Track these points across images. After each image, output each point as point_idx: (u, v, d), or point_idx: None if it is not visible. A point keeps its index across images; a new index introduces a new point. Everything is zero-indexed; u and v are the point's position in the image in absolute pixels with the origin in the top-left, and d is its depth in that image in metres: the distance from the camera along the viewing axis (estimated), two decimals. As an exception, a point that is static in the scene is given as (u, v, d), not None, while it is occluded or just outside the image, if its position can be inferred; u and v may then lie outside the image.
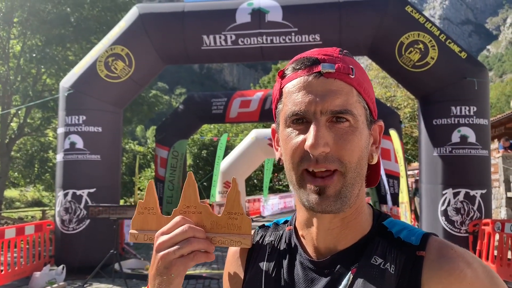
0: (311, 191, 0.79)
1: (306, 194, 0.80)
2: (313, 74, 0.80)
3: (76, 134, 8.70)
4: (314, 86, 0.80)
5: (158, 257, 0.85)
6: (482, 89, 8.00)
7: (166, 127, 14.42)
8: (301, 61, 0.83)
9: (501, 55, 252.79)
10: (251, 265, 0.97)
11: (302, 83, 0.81)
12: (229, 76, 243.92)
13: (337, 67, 0.81)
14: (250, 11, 8.52)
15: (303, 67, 0.82)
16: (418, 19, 8.17)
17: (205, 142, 29.19)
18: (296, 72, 0.83)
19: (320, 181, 0.79)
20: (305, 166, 0.80)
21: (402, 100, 31.58)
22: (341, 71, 0.81)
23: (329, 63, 0.81)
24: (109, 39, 8.98)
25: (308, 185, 0.80)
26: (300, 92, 0.80)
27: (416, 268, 0.79)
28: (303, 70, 0.82)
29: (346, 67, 0.81)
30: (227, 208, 0.92)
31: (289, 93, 0.83)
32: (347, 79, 0.81)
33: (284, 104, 0.84)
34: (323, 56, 0.82)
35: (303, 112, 0.79)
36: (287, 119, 0.82)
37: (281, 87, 0.86)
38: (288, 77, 0.84)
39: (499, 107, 77.26)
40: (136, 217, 0.97)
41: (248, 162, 18.23)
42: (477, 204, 7.76)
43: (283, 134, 0.84)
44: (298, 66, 0.83)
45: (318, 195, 0.79)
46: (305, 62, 0.82)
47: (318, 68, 0.80)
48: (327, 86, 0.79)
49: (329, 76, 0.80)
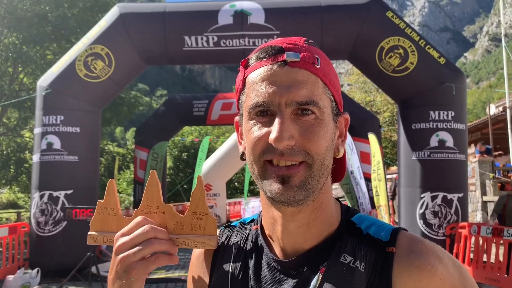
0: (274, 180, 0.76)
1: (269, 184, 0.77)
2: (277, 63, 0.77)
3: (53, 134, 8.52)
4: (278, 76, 0.76)
5: (117, 259, 0.81)
6: (459, 94, 8.14)
7: (146, 129, 14.29)
8: (265, 50, 0.80)
9: (478, 62, 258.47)
10: (216, 267, 0.92)
11: (266, 72, 0.77)
12: (211, 78, 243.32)
13: (302, 56, 0.78)
14: (233, 13, 8.51)
15: (267, 56, 0.79)
16: (398, 24, 8.28)
17: (186, 144, 29.02)
18: (260, 61, 0.79)
19: (284, 170, 0.76)
20: (268, 157, 0.76)
21: (382, 105, 32.02)
22: (306, 60, 0.78)
23: (294, 52, 0.78)
24: (88, 38, 8.84)
25: (271, 174, 0.77)
26: (264, 82, 0.77)
27: (386, 265, 0.77)
28: (267, 59, 0.78)
29: (311, 57, 0.79)
30: (192, 208, 0.88)
31: (252, 83, 0.79)
32: (313, 69, 0.78)
33: (247, 95, 0.81)
34: (288, 45, 0.79)
35: (267, 103, 0.76)
36: (250, 111, 0.79)
37: (244, 77, 0.83)
38: (251, 66, 0.81)
39: (476, 113, 78.95)
40: (95, 218, 0.92)
41: (229, 165, 18.17)
42: (454, 207, 7.88)
43: (246, 126, 0.81)
44: (262, 55, 0.79)
45: (281, 184, 0.75)
46: (269, 50, 0.79)
47: (282, 57, 0.77)
48: (292, 76, 0.76)
49: (294, 66, 0.77)
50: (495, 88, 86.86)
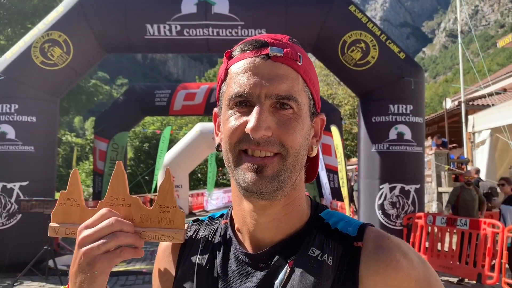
0: (248, 169, 0.77)
1: (243, 173, 0.77)
2: (260, 56, 0.79)
3: (7, 123, 8.17)
4: (260, 69, 0.78)
5: (81, 252, 0.79)
6: (418, 88, 8.38)
7: (106, 119, 13.93)
8: (249, 43, 0.81)
9: (435, 58, 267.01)
10: (183, 260, 0.92)
11: (249, 64, 0.79)
12: (174, 67, 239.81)
13: (285, 52, 0.80)
14: (196, 1, 8.38)
15: (251, 48, 0.80)
16: (360, 18, 8.40)
17: (147, 135, 28.55)
18: (243, 53, 0.81)
19: (259, 160, 0.76)
20: (244, 146, 0.77)
21: (343, 98, 32.59)
22: (289, 56, 0.80)
23: (278, 47, 0.80)
24: (45, 24, 8.49)
25: (245, 163, 0.77)
26: (246, 74, 0.78)
27: (354, 259, 0.79)
28: (251, 52, 0.80)
29: (294, 53, 0.81)
30: (159, 201, 0.87)
31: (234, 74, 0.80)
32: (294, 65, 0.80)
33: (228, 85, 0.81)
34: (273, 40, 0.81)
35: (247, 94, 0.77)
36: (230, 100, 0.80)
37: (227, 68, 0.83)
38: (235, 57, 0.82)
39: (433, 106, 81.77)
40: (57, 208, 0.89)
41: (192, 156, 18.05)
42: (412, 198, 8.14)
43: (224, 116, 0.81)
44: (246, 47, 0.81)
45: (255, 173, 0.76)
46: (253, 43, 0.81)
47: (266, 50, 0.79)
48: (274, 70, 0.78)
49: (276, 60, 0.79)
50: (452, 83, 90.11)
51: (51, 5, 14.71)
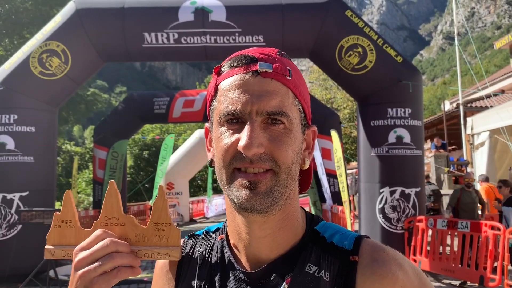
0: (241, 186, 0.77)
1: (236, 190, 0.77)
2: (250, 72, 0.79)
3: (6, 134, 8.18)
4: (250, 85, 0.78)
5: (77, 275, 0.78)
6: (416, 92, 8.40)
7: (105, 127, 13.92)
8: (238, 59, 0.81)
9: (433, 60, 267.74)
10: (181, 280, 0.91)
11: (239, 81, 0.79)
12: (172, 75, 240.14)
13: (274, 67, 0.80)
14: (193, 9, 8.41)
15: (240, 64, 0.80)
16: (357, 23, 8.44)
17: (147, 142, 28.55)
18: (232, 70, 0.81)
19: (252, 176, 0.77)
20: (238, 165, 0.77)
21: (342, 102, 32.65)
22: (278, 71, 0.80)
23: (267, 62, 0.80)
24: (43, 34, 8.52)
25: (239, 180, 0.77)
26: (237, 91, 0.78)
27: (350, 274, 0.79)
28: (240, 68, 0.80)
29: (283, 68, 0.81)
30: (154, 219, 0.86)
31: (224, 90, 0.80)
32: (284, 80, 0.80)
33: (219, 101, 0.81)
34: (261, 55, 0.81)
35: (239, 112, 0.77)
36: (221, 118, 0.80)
37: (217, 84, 0.83)
38: (224, 73, 0.82)
39: (431, 109, 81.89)
40: (52, 231, 0.88)
41: (192, 163, 18.04)
42: (412, 201, 8.14)
43: (216, 133, 0.81)
44: (235, 64, 0.81)
45: (249, 190, 0.76)
46: (242, 59, 0.80)
47: (255, 66, 0.79)
48: (264, 86, 0.78)
49: (266, 76, 0.79)
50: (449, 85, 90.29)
51: (48, 14, 14.75)
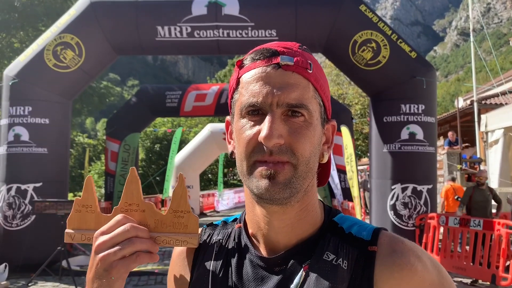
0: (261, 176, 0.78)
1: (256, 181, 0.78)
2: (271, 65, 0.80)
3: (21, 125, 8.28)
4: (272, 78, 0.79)
5: (97, 258, 0.80)
6: (430, 88, 8.31)
7: (118, 120, 14.02)
8: (260, 52, 0.82)
9: (447, 56, 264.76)
10: (197, 265, 0.93)
11: (260, 73, 0.80)
12: (184, 68, 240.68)
13: (295, 60, 0.80)
14: (207, 3, 8.41)
15: (262, 57, 0.81)
16: (371, 18, 8.36)
17: (158, 136, 28.70)
18: (254, 62, 0.82)
19: (271, 165, 0.77)
20: (258, 157, 0.78)
21: (353, 97, 32.44)
22: (299, 64, 0.80)
23: (288, 56, 0.81)
24: (58, 27, 8.59)
25: (259, 169, 0.78)
26: (258, 83, 0.79)
27: (368, 263, 0.80)
28: (262, 61, 0.81)
29: (304, 61, 0.81)
30: (173, 206, 0.88)
31: (246, 83, 0.81)
32: (305, 73, 0.81)
33: (241, 94, 0.82)
34: (283, 49, 0.82)
35: (260, 103, 0.78)
36: (242, 109, 0.80)
37: (239, 77, 0.84)
38: (246, 67, 0.83)
39: (444, 105, 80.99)
40: (72, 215, 0.90)
41: (203, 157, 18.09)
42: (424, 198, 8.08)
43: (237, 125, 0.82)
44: (257, 57, 0.82)
45: (268, 180, 0.77)
46: (264, 53, 0.81)
47: (277, 59, 0.80)
48: (285, 79, 0.79)
49: (287, 69, 0.79)
50: (463, 82, 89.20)
51: (62, 7, 14.85)
